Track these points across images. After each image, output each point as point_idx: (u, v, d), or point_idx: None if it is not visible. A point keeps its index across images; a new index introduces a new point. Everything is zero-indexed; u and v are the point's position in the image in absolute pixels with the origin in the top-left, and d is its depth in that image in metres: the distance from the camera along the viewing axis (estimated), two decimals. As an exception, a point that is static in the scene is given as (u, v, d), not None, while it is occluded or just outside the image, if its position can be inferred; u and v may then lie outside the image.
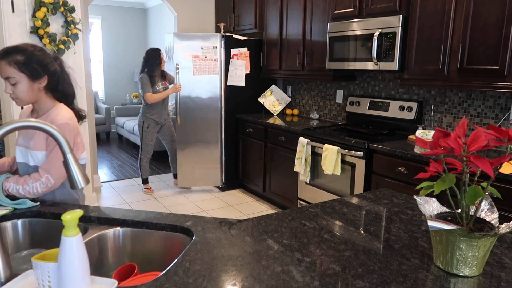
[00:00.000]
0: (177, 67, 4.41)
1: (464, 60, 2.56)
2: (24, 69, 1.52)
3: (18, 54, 1.52)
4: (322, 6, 3.66)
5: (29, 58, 1.53)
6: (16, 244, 1.47)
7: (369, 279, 1.00)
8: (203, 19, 5.25)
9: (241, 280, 0.99)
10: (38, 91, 1.58)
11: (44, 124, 1.04)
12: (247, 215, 4.01)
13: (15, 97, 1.55)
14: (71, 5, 3.42)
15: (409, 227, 1.34)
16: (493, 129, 0.92)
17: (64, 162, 1.09)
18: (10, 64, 1.50)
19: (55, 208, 1.51)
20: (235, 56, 4.45)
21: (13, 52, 1.52)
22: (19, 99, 1.56)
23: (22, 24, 3.23)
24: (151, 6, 7.99)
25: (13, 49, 1.53)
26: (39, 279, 0.91)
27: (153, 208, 4.13)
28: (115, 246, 1.38)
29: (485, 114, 2.84)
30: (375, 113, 3.51)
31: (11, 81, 1.52)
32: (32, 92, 1.57)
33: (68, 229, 0.87)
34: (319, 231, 1.30)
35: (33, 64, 1.53)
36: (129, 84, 8.44)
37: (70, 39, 3.45)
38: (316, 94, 4.35)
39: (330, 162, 3.15)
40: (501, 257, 1.13)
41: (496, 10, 2.37)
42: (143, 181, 4.63)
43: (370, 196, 1.66)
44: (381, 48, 3.02)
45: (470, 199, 0.94)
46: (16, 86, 1.53)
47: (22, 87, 1.54)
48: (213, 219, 1.38)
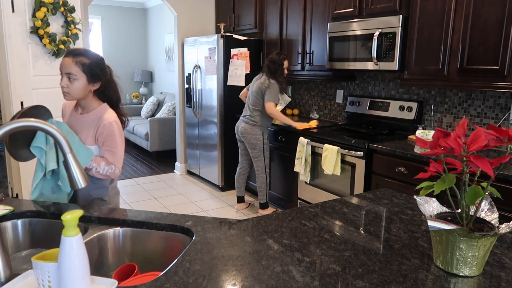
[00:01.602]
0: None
1: (464, 60, 2.56)
2: (87, 71, 1.73)
3: (85, 57, 1.73)
4: (322, 6, 3.66)
5: (93, 63, 1.75)
6: (16, 244, 1.47)
7: (369, 279, 1.00)
8: (203, 19, 5.25)
9: (241, 280, 0.99)
10: (89, 91, 1.78)
11: (44, 124, 1.04)
12: (247, 215, 4.01)
13: (67, 91, 1.74)
14: (71, 5, 3.42)
15: (409, 227, 1.34)
16: (493, 129, 0.92)
17: (64, 162, 1.09)
18: (76, 63, 1.71)
19: (55, 208, 1.51)
20: (235, 56, 4.45)
21: (81, 54, 1.74)
22: (70, 94, 1.74)
23: (22, 24, 3.23)
24: (151, 6, 7.99)
25: (82, 51, 1.76)
26: (39, 279, 0.91)
27: (153, 208, 4.13)
28: (115, 246, 1.38)
29: (485, 114, 2.84)
30: (375, 113, 3.51)
31: (70, 77, 1.71)
32: (84, 92, 1.76)
33: (68, 229, 0.87)
34: (319, 231, 1.30)
35: (95, 69, 1.75)
36: (129, 84, 8.43)
37: (70, 39, 3.45)
38: (316, 94, 4.35)
39: (330, 162, 3.15)
40: (501, 257, 1.13)
41: (496, 10, 2.37)
42: (265, 205, 3.92)
43: (370, 196, 1.66)
44: (381, 48, 3.02)
45: (470, 199, 0.94)
46: (73, 83, 1.72)
47: (79, 85, 1.73)
48: (213, 219, 1.38)
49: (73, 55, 1.72)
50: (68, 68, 1.71)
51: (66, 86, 1.72)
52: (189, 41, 4.97)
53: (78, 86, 1.73)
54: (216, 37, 4.40)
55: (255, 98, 3.71)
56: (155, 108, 7.23)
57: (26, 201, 1.57)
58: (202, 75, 4.75)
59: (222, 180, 4.68)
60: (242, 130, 3.78)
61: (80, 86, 1.73)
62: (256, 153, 3.78)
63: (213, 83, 4.53)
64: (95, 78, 1.76)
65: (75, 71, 1.71)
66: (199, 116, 4.91)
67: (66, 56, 1.72)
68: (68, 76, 1.71)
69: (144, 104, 7.59)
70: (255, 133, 3.73)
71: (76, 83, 1.72)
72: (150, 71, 8.27)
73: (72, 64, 1.70)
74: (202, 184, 4.98)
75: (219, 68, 4.45)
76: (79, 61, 1.71)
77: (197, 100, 4.93)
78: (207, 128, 4.76)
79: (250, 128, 3.73)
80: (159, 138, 6.23)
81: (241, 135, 3.81)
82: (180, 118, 5.32)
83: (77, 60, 1.71)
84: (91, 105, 1.83)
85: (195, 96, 4.96)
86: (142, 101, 8.32)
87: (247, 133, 3.74)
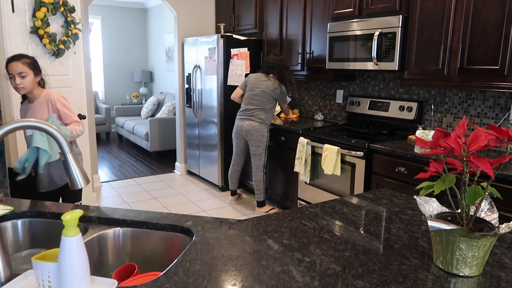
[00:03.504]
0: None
1: (464, 60, 2.56)
2: (32, 67, 2.34)
3: (27, 58, 2.35)
4: (322, 6, 3.66)
5: (34, 61, 2.39)
6: (16, 244, 1.47)
7: (369, 279, 1.00)
8: (203, 19, 5.25)
9: (241, 280, 0.99)
10: (36, 83, 2.40)
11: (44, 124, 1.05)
12: (247, 215, 4.01)
13: (22, 86, 2.31)
14: (71, 5, 3.42)
15: (409, 227, 1.34)
16: (493, 129, 0.92)
17: (64, 162, 1.09)
18: (23, 63, 2.31)
19: (55, 208, 1.51)
20: (235, 56, 4.45)
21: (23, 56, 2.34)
22: (24, 88, 2.33)
23: (22, 24, 3.23)
24: (151, 6, 7.99)
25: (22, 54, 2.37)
26: (39, 279, 0.91)
27: (153, 208, 4.13)
28: (115, 246, 1.38)
29: (485, 114, 2.84)
30: (375, 113, 3.51)
31: (22, 75, 2.29)
32: (34, 84, 2.38)
33: (68, 229, 0.87)
34: (319, 231, 1.30)
35: (37, 64, 2.39)
36: (129, 84, 8.44)
37: (70, 39, 3.45)
38: (316, 94, 4.35)
39: (330, 162, 3.15)
40: (501, 257, 1.13)
41: (496, 10, 2.37)
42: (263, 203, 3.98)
43: (370, 196, 1.66)
44: (381, 48, 3.02)
45: (470, 199, 0.94)
46: (25, 78, 2.31)
47: (29, 79, 2.34)
48: (213, 219, 1.38)
49: (17, 58, 2.30)
50: (18, 68, 2.28)
51: (20, 83, 2.30)
52: (189, 41, 4.96)
53: (29, 80, 2.33)
54: (216, 37, 4.40)
55: (264, 100, 3.76)
56: (155, 108, 7.23)
57: (26, 201, 1.57)
58: (202, 75, 4.75)
59: (222, 180, 4.68)
60: (248, 128, 3.79)
61: (30, 80, 2.33)
62: (260, 150, 3.82)
63: (213, 83, 4.53)
64: (38, 71, 2.39)
65: (24, 69, 2.29)
66: (199, 116, 4.90)
67: (12, 61, 2.28)
68: (20, 75, 2.29)
69: (144, 104, 7.59)
70: (262, 130, 3.79)
71: (27, 78, 2.31)
72: (150, 71, 8.27)
73: (20, 65, 2.29)
74: (202, 184, 4.98)
75: (219, 68, 4.45)
76: (24, 61, 2.30)
77: (197, 100, 4.93)
78: (207, 128, 4.76)
79: (258, 125, 3.78)
80: (159, 138, 6.23)
81: (247, 133, 3.82)
82: (180, 118, 5.32)
83: (23, 61, 2.30)
84: (38, 94, 2.42)
85: (195, 96, 4.96)
86: (142, 101, 8.32)
87: (255, 131, 3.78)
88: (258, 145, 3.81)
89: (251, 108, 3.79)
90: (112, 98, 8.31)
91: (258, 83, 3.78)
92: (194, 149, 5.13)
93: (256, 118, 3.77)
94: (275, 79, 3.74)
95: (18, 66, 2.27)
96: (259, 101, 3.75)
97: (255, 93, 3.78)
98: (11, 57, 2.32)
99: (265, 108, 3.77)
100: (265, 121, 3.79)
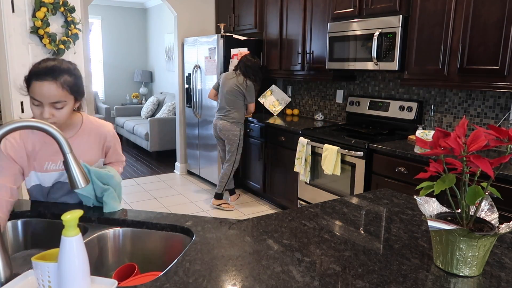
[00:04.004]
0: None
1: (464, 60, 2.56)
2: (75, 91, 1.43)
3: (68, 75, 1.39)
4: (322, 6, 3.66)
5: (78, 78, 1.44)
6: (16, 244, 1.47)
7: (369, 279, 1.00)
8: (203, 19, 5.25)
9: (241, 280, 0.99)
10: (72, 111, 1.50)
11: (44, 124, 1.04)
12: (247, 215, 4.01)
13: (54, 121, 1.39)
14: (71, 5, 3.42)
15: (409, 227, 1.34)
16: (493, 129, 0.92)
17: (64, 162, 1.09)
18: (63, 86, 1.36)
19: (55, 208, 1.51)
20: (235, 56, 4.45)
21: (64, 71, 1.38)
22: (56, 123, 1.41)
23: (22, 24, 3.23)
24: (151, 6, 7.99)
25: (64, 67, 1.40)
26: (39, 279, 0.91)
27: (153, 208, 4.13)
28: (115, 246, 1.38)
29: (485, 114, 2.84)
30: (375, 113, 3.51)
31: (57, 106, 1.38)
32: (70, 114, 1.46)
33: (68, 229, 0.87)
34: (319, 231, 1.30)
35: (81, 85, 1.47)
36: (129, 84, 8.43)
37: (70, 39, 3.45)
38: (316, 94, 4.35)
39: (330, 162, 3.15)
40: (501, 257, 1.13)
41: (496, 10, 2.37)
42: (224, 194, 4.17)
43: (370, 196, 1.66)
44: (381, 48, 3.02)
45: (470, 199, 0.94)
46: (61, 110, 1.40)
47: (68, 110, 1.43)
48: (213, 219, 1.38)
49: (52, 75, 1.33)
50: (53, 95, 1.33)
51: (52, 116, 1.37)
52: (189, 41, 4.96)
53: (66, 112, 1.40)
54: (216, 37, 4.40)
55: (233, 97, 3.91)
56: (155, 108, 7.23)
57: (26, 201, 1.57)
58: (202, 75, 4.75)
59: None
60: (221, 128, 3.98)
61: (68, 111, 1.41)
62: (232, 148, 4.00)
63: (213, 83, 4.52)
64: (81, 95, 1.47)
65: (62, 96, 1.36)
66: (199, 116, 4.90)
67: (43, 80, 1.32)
68: (54, 106, 1.36)
69: (144, 104, 7.59)
70: (233, 129, 3.95)
71: (64, 110, 1.39)
72: (150, 71, 8.27)
73: (57, 89, 1.34)
74: (202, 184, 4.98)
75: (219, 68, 4.45)
76: (64, 81, 1.36)
77: (197, 100, 4.93)
78: (207, 128, 4.76)
79: (229, 125, 3.95)
80: (159, 138, 6.23)
81: (220, 132, 4.01)
82: (180, 118, 5.32)
83: (61, 82, 1.35)
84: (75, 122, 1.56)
85: (195, 96, 4.96)
86: (142, 101, 8.32)
87: (226, 130, 3.95)
88: (231, 143, 4.00)
89: (224, 108, 3.97)
90: (112, 98, 8.30)
91: (226, 81, 3.96)
92: (194, 149, 5.13)
93: (228, 118, 3.94)
94: (240, 75, 3.90)
95: (53, 91, 1.33)
96: (229, 100, 3.92)
97: (224, 91, 3.95)
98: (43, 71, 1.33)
99: (237, 106, 3.93)
100: (238, 120, 3.96)
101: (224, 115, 3.97)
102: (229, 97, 3.92)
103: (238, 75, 3.91)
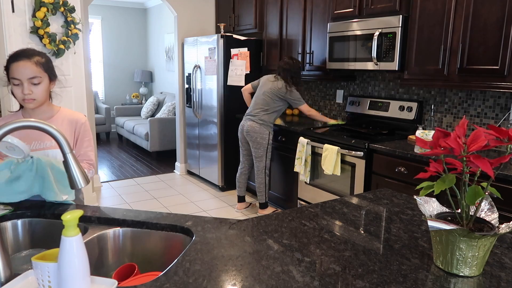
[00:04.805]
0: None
1: (464, 60, 2.56)
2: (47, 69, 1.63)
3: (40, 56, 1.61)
4: (322, 6, 3.66)
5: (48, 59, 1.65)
6: (16, 244, 1.47)
7: (369, 279, 1.00)
8: (203, 19, 5.25)
9: (241, 280, 0.99)
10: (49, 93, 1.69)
11: (44, 124, 1.04)
12: (247, 215, 4.01)
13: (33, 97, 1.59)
14: (71, 5, 3.42)
15: (409, 227, 1.34)
16: (493, 129, 0.92)
17: (64, 162, 1.09)
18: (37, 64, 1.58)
19: (55, 208, 1.51)
20: (235, 56, 4.45)
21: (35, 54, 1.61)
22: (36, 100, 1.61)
23: (22, 24, 3.23)
24: (151, 6, 7.99)
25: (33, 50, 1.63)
26: (39, 279, 0.91)
27: (153, 208, 4.13)
28: (115, 246, 1.38)
29: (485, 114, 2.84)
30: (375, 113, 3.51)
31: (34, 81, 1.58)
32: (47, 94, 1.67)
33: (68, 229, 0.87)
34: (319, 231, 1.30)
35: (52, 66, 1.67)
36: (129, 84, 8.44)
37: (70, 39, 3.45)
38: (316, 94, 4.35)
39: (330, 162, 3.15)
40: (501, 257, 1.13)
41: (496, 10, 2.37)
42: (265, 205, 3.94)
43: (370, 196, 1.66)
44: (381, 48, 3.02)
45: (470, 199, 0.94)
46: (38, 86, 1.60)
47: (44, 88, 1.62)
48: (213, 219, 1.38)
49: (27, 55, 1.56)
50: (29, 71, 1.54)
51: (31, 93, 1.56)
52: (189, 41, 4.97)
53: (43, 89, 1.59)
54: (216, 37, 4.40)
55: (269, 99, 3.70)
56: (155, 108, 7.23)
57: (26, 201, 1.57)
58: (202, 75, 4.75)
59: (222, 180, 4.67)
60: (248, 129, 3.76)
61: (44, 89, 1.60)
62: (260, 152, 3.78)
63: (213, 83, 4.53)
64: (54, 75, 1.66)
65: (37, 72, 1.56)
66: (199, 116, 4.91)
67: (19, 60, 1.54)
68: (31, 81, 1.55)
69: (144, 104, 7.60)
70: (262, 132, 3.73)
71: (41, 87, 1.58)
72: (150, 71, 8.27)
73: (32, 66, 1.55)
74: (202, 184, 4.98)
75: (219, 68, 4.45)
76: (37, 60, 1.58)
77: (197, 100, 4.93)
78: (207, 128, 4.76)
79: (258, 127, 3.72)
80: (159, 138, 6.23)
81: (247, 134, 3.79)
82: (180, 118, 5.32)
83: (35, 60, 1.57)
84: (52, 110, 1.70)
85: (195, 96, 4.96)
86: (142, 101, 8.32)
87: (254, 132, 3.73)
88: (257, 147, 3.77)
89: (255, 109, 3.77)
90: (112, 98, 8.31)
91: (267, 82, 3.77)
92: (194, 149, 5.13)
93: (257, 119, 3.74)
94: (280, 79, 3.71)
95: (29, 67, 1.55)
96: (264, 101, 3.72)
97: (261, 92, 3.76)
98: (17, 53, 1.57)
99: (269, 108, 3.72)
100: (267, 122, 3.73)
101: (254, 115, 3.75)
102: (266, 98, 3.71)
103: (278, 79, 3.72)
